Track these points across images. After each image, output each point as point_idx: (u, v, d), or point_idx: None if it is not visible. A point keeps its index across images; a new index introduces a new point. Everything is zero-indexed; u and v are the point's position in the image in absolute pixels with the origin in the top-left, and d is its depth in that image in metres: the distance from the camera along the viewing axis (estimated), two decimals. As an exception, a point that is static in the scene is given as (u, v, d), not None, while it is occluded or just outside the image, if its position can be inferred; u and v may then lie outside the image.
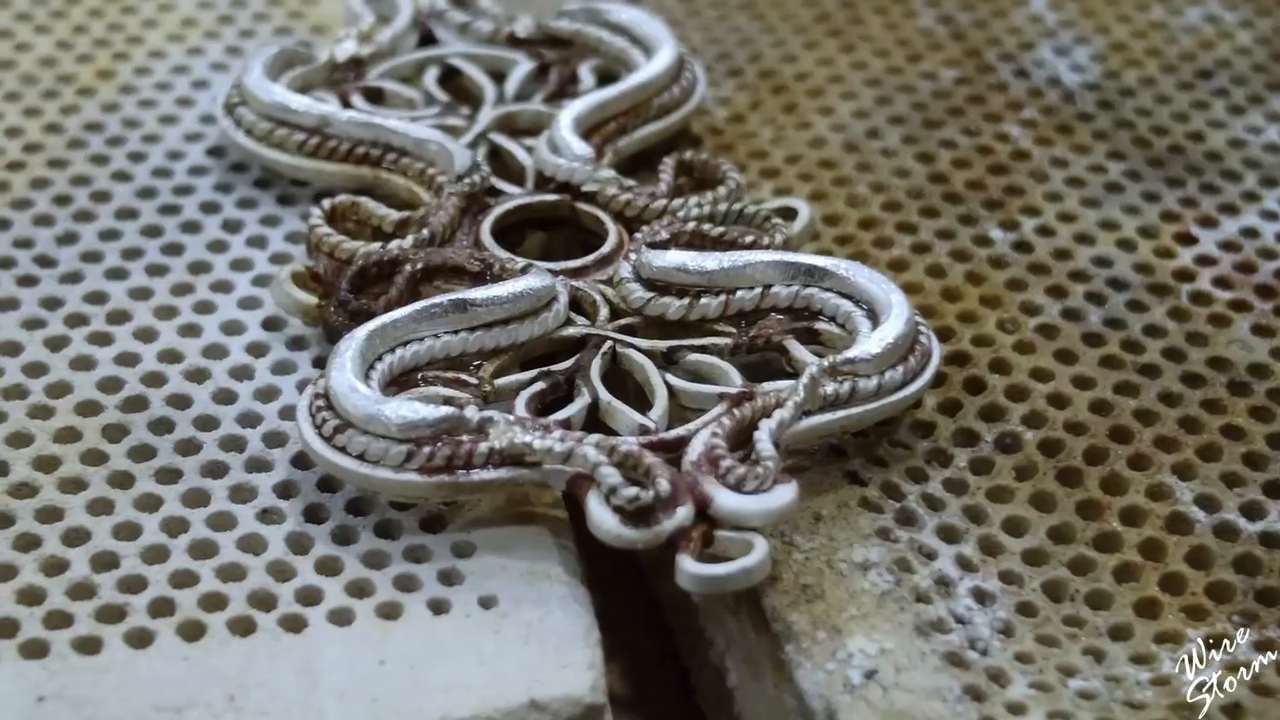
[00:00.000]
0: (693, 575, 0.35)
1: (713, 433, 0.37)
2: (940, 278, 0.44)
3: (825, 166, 0.47)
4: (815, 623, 0.36)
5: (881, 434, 0.40)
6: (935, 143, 0.47)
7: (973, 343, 0.42)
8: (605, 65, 0.48)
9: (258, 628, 0.35)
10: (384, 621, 0.36)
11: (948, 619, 0.36)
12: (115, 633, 0.35)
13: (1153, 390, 0.41)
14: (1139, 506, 0.38)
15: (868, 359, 0.38)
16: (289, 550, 0.37)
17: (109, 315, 0.41)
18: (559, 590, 0.36)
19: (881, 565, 0.37)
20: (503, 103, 0.46)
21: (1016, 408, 0.40)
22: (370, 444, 0.36)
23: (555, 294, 0.40)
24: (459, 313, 0.39)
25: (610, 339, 0.39)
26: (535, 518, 0.38)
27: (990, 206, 0.46)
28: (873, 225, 0.45)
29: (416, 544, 0.37)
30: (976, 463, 0.39)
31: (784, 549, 0.37)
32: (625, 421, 0.38)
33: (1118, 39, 0.51)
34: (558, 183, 0.43)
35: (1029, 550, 0.38)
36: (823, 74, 0.50)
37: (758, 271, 0.40)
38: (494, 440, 0.36)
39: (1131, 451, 0.39)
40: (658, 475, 0.36)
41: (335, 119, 0.44)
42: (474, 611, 0.36)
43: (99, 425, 0.39)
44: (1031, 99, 0.49)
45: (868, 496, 0.38)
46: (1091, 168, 0.47)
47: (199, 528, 0.37)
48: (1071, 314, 0.43)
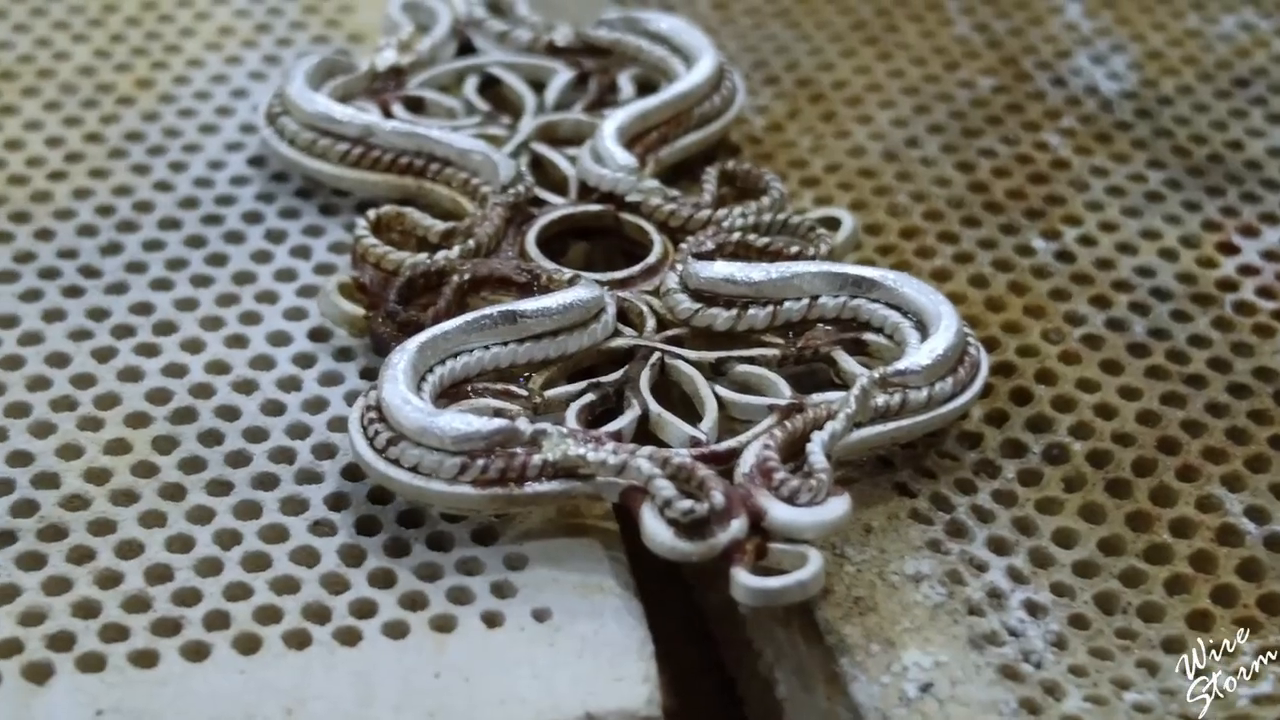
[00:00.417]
0: (748, 588, 0.35)
1: (764, 445, 0.37)
2: (983, 288, 0.44)
3: (865, 175, 0.47)
4: (869, 635, 0.36)
5: (929, 445, 0.40)
6: (974, 151, 0.47)
7: (1018, 353, 0.42)
8: (644, 74, 0.48)
9: (313, 640, 0.35)
10: (438, 634, 0.36)
11: (1001, 631, 0.36)
12: (171, 646, 0.35)
13: (1199, 401, 0.41)
14: (1189, 518, 0.38)
15: (918, 370, 0.38)
16: (342, 562, 0.37)
17: (155, 326, 0.41)
18: (612, 602, 0.36)
19: (933, 577, 0.37)
20: (543, 112, 0.46)
21: (1064, 418, 0.40)
22: (424, 456, 0.36)
23: (604, 305, 0.40)
24: (509, 324, 0.39)
25: (658, 350, 0.40)
26: (586, 529, 0.38)
27: (1031, 216, 0.46)
28: (914, 235, 0.45)
29: (469, 556, 0.37)
30: (1025, 474, 0.39)
31: (835, 561, 0.37)
32: (676, 433, 0.38)
33: (1154, 47, 0.51)
34: (601, 193, 0.43)
35: (1080, 562, 0.38)
36: (860, 82, 0.50)
37: (805, 282, 0.40)
38: (547, 453, 0.36)
39: (1180, 463, 0.39)
40: (711, 488, 0.36)
41: (378, 129, 0.44)
42: (528, 624, 0.36)
43: (149, 437, 0.39)
44: (1069, 107, 0.49)
45: (917, 508, 0.39)
46: (1131, 176, 0.47)
47: (251, 540, 0.37)
48: (1116, 324, 0.43)
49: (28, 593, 0.36)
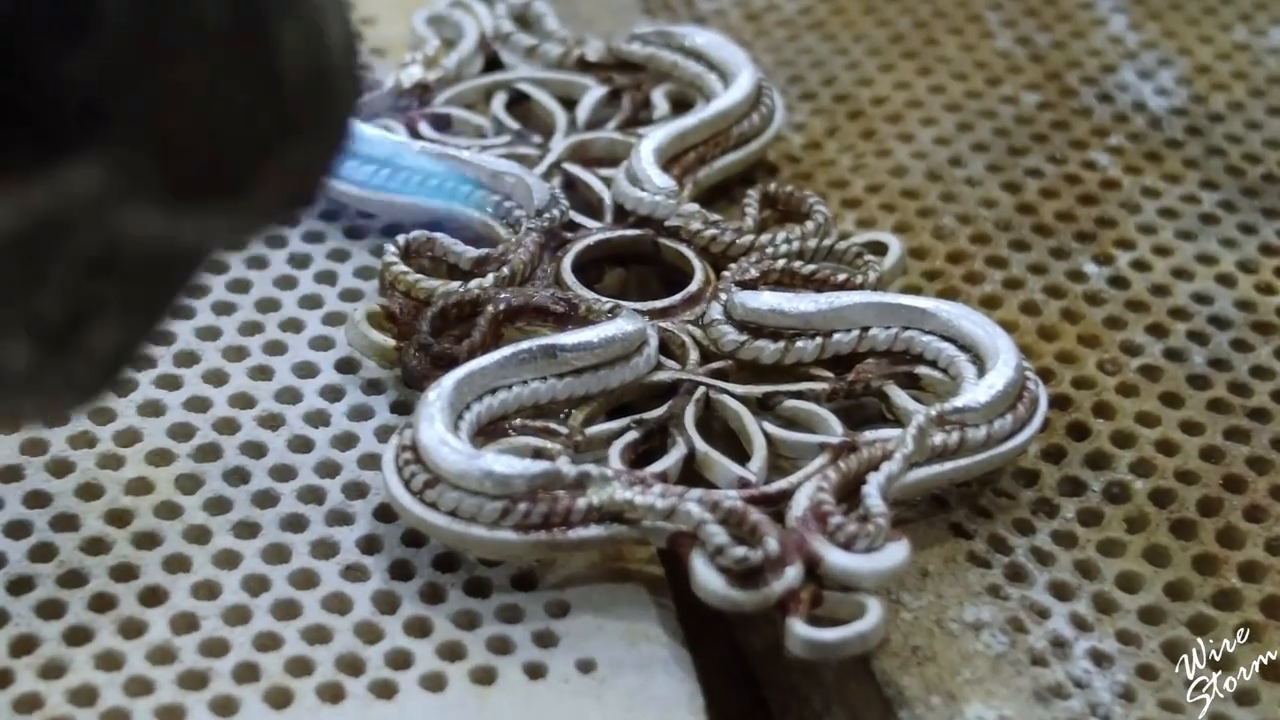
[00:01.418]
0: (805, 640, 0.33)
1: (818, 487, 0.35)
2: (1035, 315, 0.42)
3: (908, 196, 0.45)
4: (929, 688, 0.34)
5: (985, 483, 0.38)
6: (1021, 171, 0.46)
7: (1073, 385, 0.40)
8: (679, 90, 0.46)
9: (347, 694, 0.34)
10: (479, 687, 0.34)
11: (1066, 683, 0.35)
12: (199, 700, 0.33)
13: (1264, 436, 0.39)
14: (1258, 561, 0.37)
15: (977, 408, 0.37)
16: (376, 610, 0.35)
17: (176, 357, 0.40)
18: (660, 653, 0.35)
19: (994, 625, 0.36)
20: (575, 130, 0.45)
21: (1124, 455, 0.39)
22: (463, 500, 0.35)
23: (647, 338, 0.38)
24: (548, 359, 0.37)
25: (703, 384, 0.38)
26: (630, 574, 0.36)
27: (1082, 239, 0.44)
28: (962, 259, 0.43)
29: (509, 603, 0.35)
30: (1085, 514, 0.38)
31: (891, 607, 0.36)
32: (723, 473, 0.36)
33: (1202, 61, 0.49)
34: (639, 216, 0.42)
35: (1145, 608, 0.36)
36: (900, 98, 0.48)
37: (855, 313, 0.39)
38: (592, 496, 0.35)
39: (1246, 502, 0.38)
40: (765, 534, 0.34)
41: (407, 150, 0.42)
42: (572, 676, 0.34)
43: (172, 476, 0.37)
44: (1117, 124, 0.47)
45: (974, 550, 0.37)
46: (1184, 198, 0.45)
47: (281, 586, 0.35)
48: (1174, 354, 0.41)
49: (47, 643, 0.34)
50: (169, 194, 0.27)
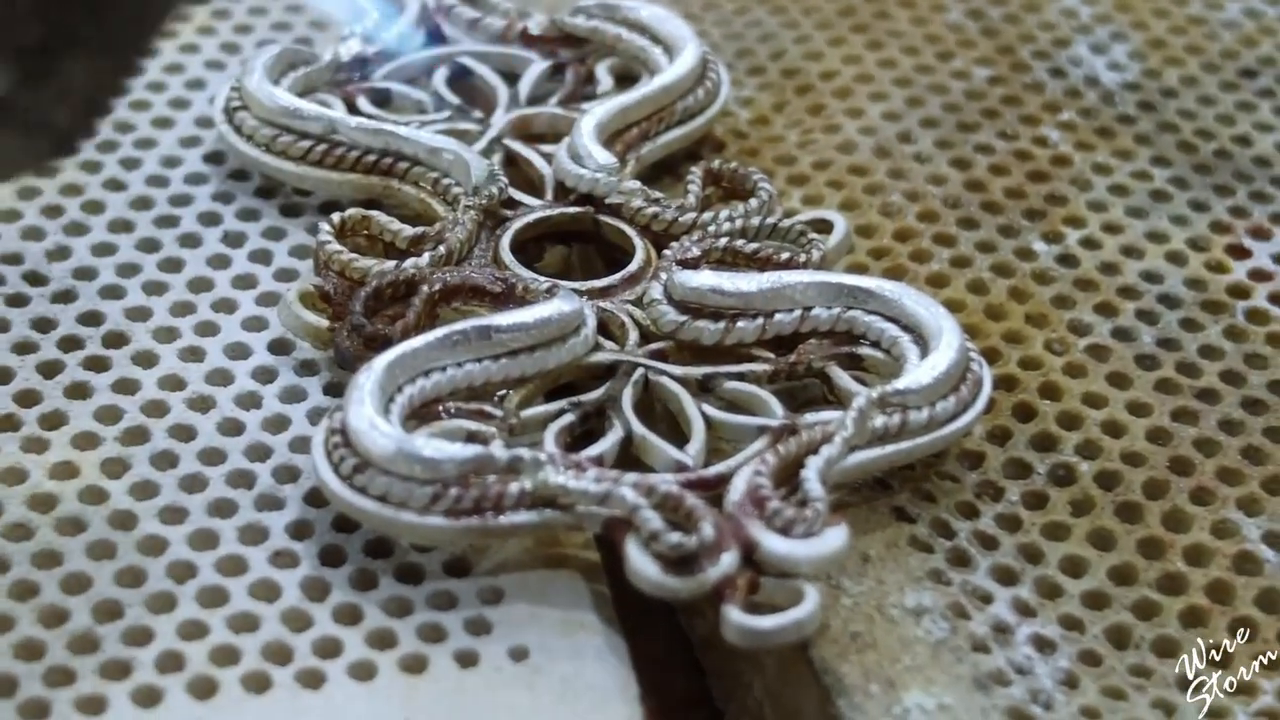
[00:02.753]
0: (741, 628, 0.33)
1: (756, 471, 0.35)
2: (983, 294, 0.41)
3: (856, 173, 0.44)
4: (868, 675, 0.34)
5: (928, 465, 0.37)
6: (971, 147, 0.45)
7: (1020, 365, 0.40)
8: (623, 65, 0.45)
9: (274, 684, 0.33)
10: (409, 676, 0.33)
11: (1007, 670, 0.34)
12: (121, 691, 0.33)
13: (1212, 417, 0.39)
14: (1204, 545, 0.36)
15: (919, 389, 0.36)
16: (305, 597, 0.34)
17: (105, 338, 0.39)
18: (594, 641, 0.34)
19: (935, 611, 0.35)
20: (517, 105, 0.44)
21: (1070, 436, 0.38)
22: (393, 485, 0.34)
23: (584, 319, 0.37)
24: (482, 340, 0.36)
25: (642, 366, 0.37)
26: (566, 560, 0.35)
27: (1031, 216, 0.43)
28: (909, 237, 0.43)
29: (441, 589, 0.35)
30: (1029, 496, 0.37)
31: (831, 593, 0.35)
32: (661, 457, 0.36)
33: (1156, 35, 0.48)
34: (579, 194, 0.41)
35: (1089, 593, 0.36)
36: (850, 73, 0.47)
37: (797, 293, 0.38)
38: (525, 481, 0.34)
39: (1193, 484, 0.37)
40: (700, 519, 0.33)
41: (343, 125, 0.42)
42: (505, 665, 0.34)
43: (98, 460, 0.36)
44: (1069, 100, 0.46)
45: (917, 535, 0.36)
46: (1135, 174, 0.44)
47: (208, 572, 0.35)
48: (1122, 334, 0.40)
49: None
50: None
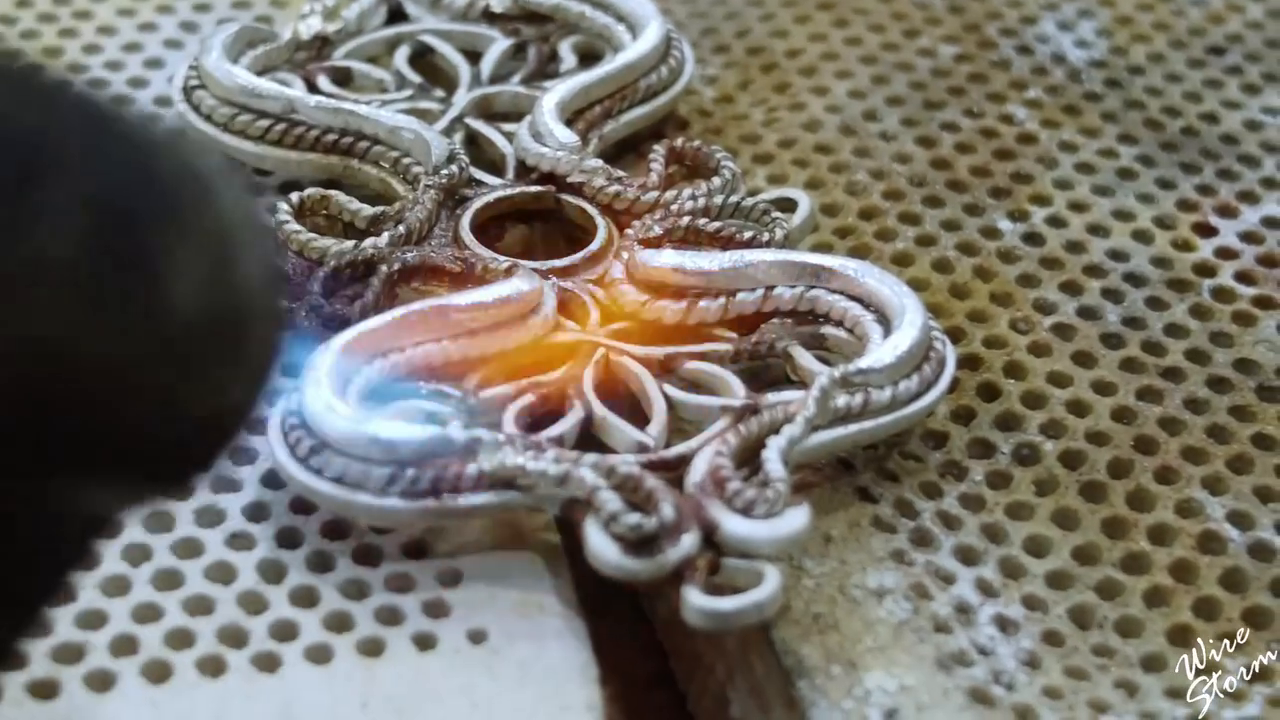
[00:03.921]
0: (701, 610, 0.32)
1: (717, 451, 0.34)
2: (948, 273, 0.41)
3: (821, 151, 0.44)
4: (829, 656, 0.34)
5: (892, 445, 0.37)
6: (936, 125, 0.45)
7: (985, 344, 0.39)
8: (587, 43, 0.45)
9: (229, 667, 0.33)
10: (366, 659, 0.33)
11: (970, 650, 0.34)
12: (74, 675, 0.32)
13: (1177, 396, 0.38)
14: (1168, 524, 0.36)
15: (881, 369, 0.36)
16: (261, 579, 0.34)
17: (61, 319, 0.38)
18: (554, 623, 0.34)
19: (897, 591, 0.35)
20: (479, 84, 0.43)
21: (1034, 416, 0.38)
22: (349, 467, 0.34)
23: (543, 298, 0.37)
24: (441, 319, 0.36)
25: (603, 346, 0.37)
26: (525, 541, 0.35)
27: (997, 195, 0.43)
28: (874, 216, 0.42)
29: (399, 572, 0.34)
30: (993, 476, 0.37)
31: (793, 574, 0.35)
32: (622, 437, 0.35)
33: (1123, 12, 0.48)
34: (541, 173, 0.41)
35: (1053, 573, 0.35)
36: (815, 50, 0.47)
37: (760, 272, 0.38)
38: (483, 462, 0.34)
39: (1158, 464, 0.37)
40: (660, 500, 0.33)
41: (302, 104, 0.41)
42: (463, 647, 0.33)
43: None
44: (1036, 77, 0.46)
45: (880, 515, 0.36)
46: (1102, 152, 0.44)
47: (163, 555, 0.34)
48: (1088, 312, 0.40)
49: (-82, 617, 0.33)
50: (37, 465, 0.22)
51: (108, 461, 0.22)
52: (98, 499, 0.23)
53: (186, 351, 0.22)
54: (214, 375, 0.23)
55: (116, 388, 0.22)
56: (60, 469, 0.22)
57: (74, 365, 0.21)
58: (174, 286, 0.22)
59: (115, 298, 0.21)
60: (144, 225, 0.22)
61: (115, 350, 0.21)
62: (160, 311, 0.22)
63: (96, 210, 0.21)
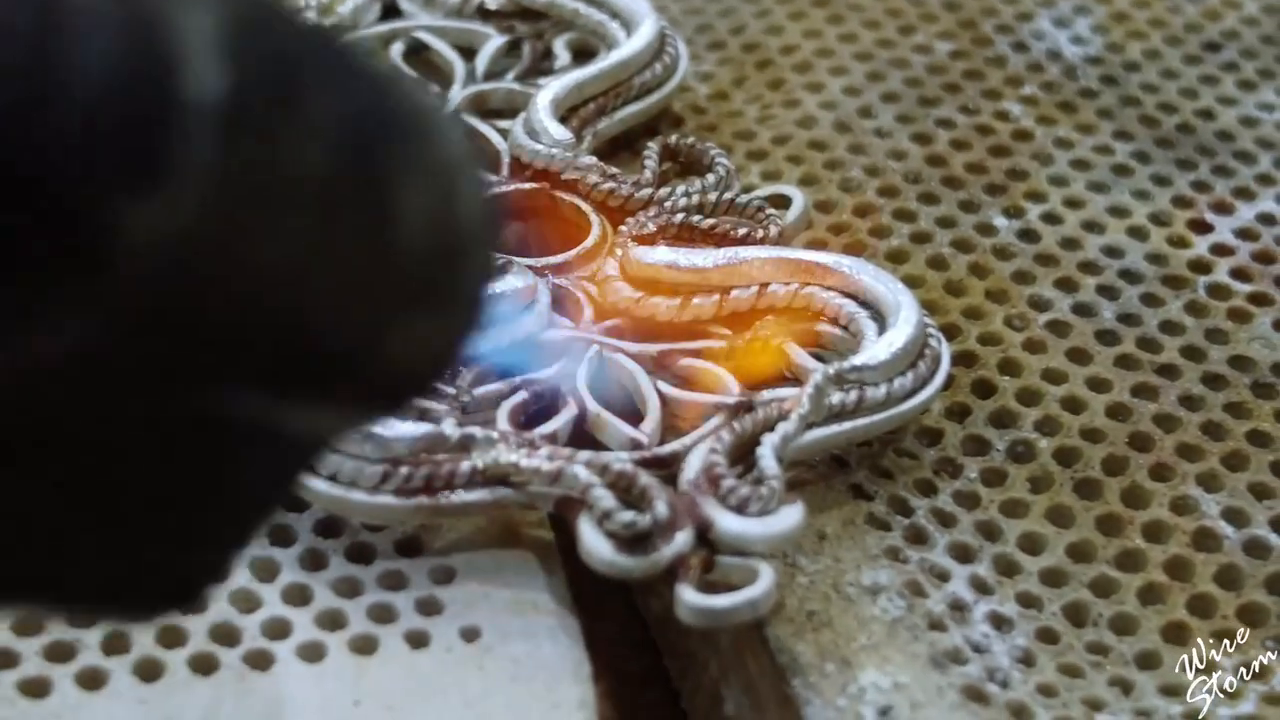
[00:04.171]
0: (694, 608, 0.32)
1: (711, 449, 0.34)
2: (943, 270, 0.41)
3: (816, 148, 0.44)
4: (823, 654, 0.33)
5: (886, 442, 0.37)
6: (932, 122, 0.45)
7: (980, 341, 0.39)
8: (581, 40, 0.45)
9: (221, 665, 0.33)
10: (358, 657, 0.33)
11: (964, 648, 0.34)
12: (65, 673, 0.32)
13: (1172, 393, 0.38)
14: (1163, 521, 0.36)
15: (875, 366, 0.35)
16: (254, 577, 0.34)
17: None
18: (546, 621, 0.34)
19: (892, 589, 0.35)
20: (473, 81, 0.43)
21: (1029, 413, 0.38)
22: (343, 464, 0.33)
23: (536, 295, 0.37)
24: (434, 317, 0.36)
25: (597, 343, 0.37)
26: (519, 538, 0.35)
27: (992, 191, 0.43)
28: (869, 212, 0.42)
29: (392, 569, 0.34)
30: (988, 473, 0.37)
31: (787, 571, 0.35)
32: (615, 435, 0.35)
33: (1119, 9, 0.48)
34: (535, 169, 0.40)
35: (1047, 570, 0.35)
36: (810, 47, 0.47)
37: (754, 269, 0.37)
38: (476, 459, 0.33)
39: (1153, 461, 0.37)
40: (654, 497, 0.33)
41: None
42: (456, 645, 0.33)
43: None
44: (1032, 74, 0.46)
45: (874, 512, 0.36)
46: (1097, 148, 0.44)
47: (155, 553, 0.34)
48: (1083, 309, 0.40)
49: (-91, 615, 0.33)
50: (274, 377, 0.22)
51: (328, 384, 0.22)
52: (319, 422, 0.23)
53: (408, 279, 0.22)
54: (432, 305, 0.23)
55: (340, 308, 0.22)
56: (285, 387, 0.22)
57: (304, 282, 0.21)
58: (404, 214, 0.22)
59: (351, 219, 0.22)
60: (384, 151, 0.22)
61: (344, 271, 0.22)
62: (389, 237, 0.22)
63: (348, 132, 0.21)
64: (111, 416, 0.21)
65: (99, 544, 0.22)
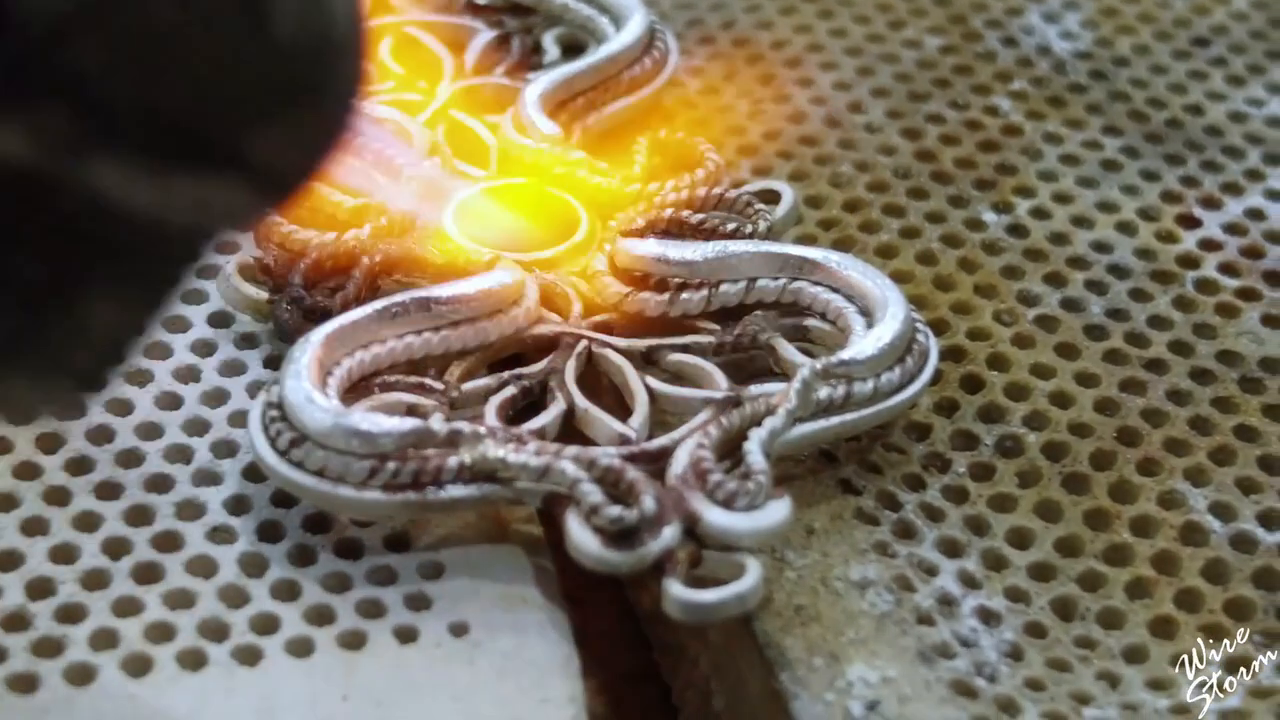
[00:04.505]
0: (682, 602, 0.32)
1: (698, 443, 0.34)
2: (931, 265, 0.41)
3: (806, 143, 0.44)
4: (811, 648, 0.33)
5: (875, 437, 0.37)
6: (922, 117, 0.45)
7: (968, 336, 0.39)
8: (570, 34, 0.45)
9: (210, 661, 0.33)
10: (347, 652, 0.33)
11: (952, 642, 0.34)
12: (54, 668, 0.32)
13: (1160, 387, 0.38)
14: (1150, 516, 0.36)
15: (863, 361, 0.35)
16: (242, 573, 0.34)
17: (42, 312, 0.38)
18: (536, 616, 0.34)
19: (880, 583, 0.35)
20: (462, 75, 0.43)
21: (1017, 408, 0.38)
22: (330, 459, 0.33)
23: (525, 290, 0.37)
24: (422, 312, 0.36)
25: (585, 338, 0.37)
26: (508, 533, 0.35)
27: (981, 186, 0.43)
28: (858, 208, 0.42)
29: (381, 564, 0.34)
30: (976, 468, 0.37)
31: (775, 566, 0.35)
32: (603, 430, 0.35)
33: (1108, 4, 0.48)
34: (524, 164, 0.40)
35: (1035, 564, 0.35)
36: (801, 42, 0.47)
37: (743, 263, 0.37)
38: (464, 455, 0.33)
39: (1140, 455, 0.37)
40: (641, 492, 0.33)
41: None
42: (445, 640, 0.33)
43: (31, 435, 0.36)
44: (1021, 69, 0.46)
45: (862, 507, 0.36)
46: (1086, 144, 0.44)
47: (143, 549, 0.34)
48: (1071, 304, 0.40)
49: (-103, 610, 0.33)
50: (147, 152, 0.24)
51: (206, 165, 0.25)
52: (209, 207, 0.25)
53: (278, 70, 0.24)
54: (304, 102, 0.25)
55: (214, 88, 0.24)
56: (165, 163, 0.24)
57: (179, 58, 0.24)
58: (274, 8, 0.24)
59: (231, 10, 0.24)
60: None
61: (215, 50, 0.24)
62: (260, 24, 0.24)
63: None
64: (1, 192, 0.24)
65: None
